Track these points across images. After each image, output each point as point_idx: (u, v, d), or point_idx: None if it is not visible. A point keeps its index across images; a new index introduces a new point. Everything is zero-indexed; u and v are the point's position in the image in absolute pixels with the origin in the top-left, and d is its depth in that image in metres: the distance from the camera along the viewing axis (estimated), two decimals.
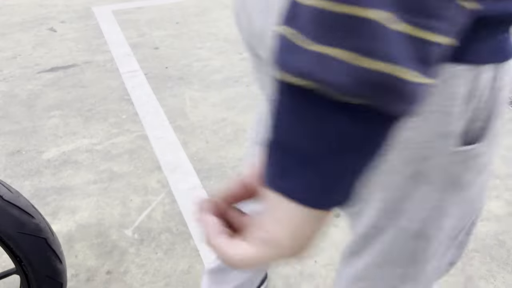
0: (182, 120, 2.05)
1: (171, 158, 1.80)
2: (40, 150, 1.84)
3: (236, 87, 2.32)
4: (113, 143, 1.90)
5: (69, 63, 2.53)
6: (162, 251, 1.40)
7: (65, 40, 2.80)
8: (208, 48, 2.72)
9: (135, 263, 1.36)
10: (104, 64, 2.52)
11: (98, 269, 1.35)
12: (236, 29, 2.96)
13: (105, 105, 2.15)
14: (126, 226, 1.49)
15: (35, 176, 1.71)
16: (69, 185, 1.67)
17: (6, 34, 2.88)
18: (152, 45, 2.75)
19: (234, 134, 1.96)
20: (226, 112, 2.11)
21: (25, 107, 2.13)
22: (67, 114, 2.08)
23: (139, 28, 2.99)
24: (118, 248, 1.41)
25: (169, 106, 2.15)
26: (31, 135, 1.94)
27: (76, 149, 1.85)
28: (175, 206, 1.57)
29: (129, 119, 2.05)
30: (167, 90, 2.28)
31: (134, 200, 1.60)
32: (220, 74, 2.44)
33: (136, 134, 1.95)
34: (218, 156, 1.83)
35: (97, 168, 1.75)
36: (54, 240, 0.94)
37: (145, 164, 1.77)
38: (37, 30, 2.94)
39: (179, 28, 3.00)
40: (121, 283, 1.30)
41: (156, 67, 2.51)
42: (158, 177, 1.70)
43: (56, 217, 1.52)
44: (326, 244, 1.43)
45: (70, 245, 1.42)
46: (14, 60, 2.55)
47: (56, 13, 3.22)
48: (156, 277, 1.32)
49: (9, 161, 1.78)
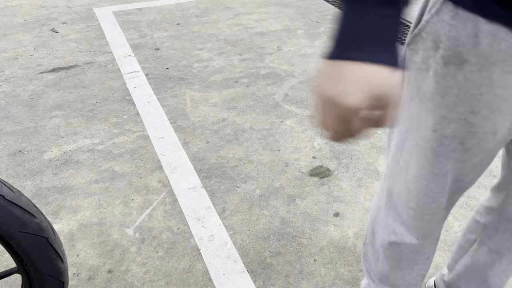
0: (182, 120, 2.06)
1: (172, 158, 1.81)
2: (42, 150, 1.85)
3: (236, 87, 2.33)
4: (115, 143, 1.91)
5: (70, 64, 2.54)
6: (163, 250, 1.41)
7: (67, 41, 2.82)
8: (208, 49, 2.73)
9: (136, 262, 1.37)
10: (106, 65, 2.53)
11: (99, 268, 1.35)
12: (237, 30, 2.97)
13: (106, 106, 2.16)
14: (127, 225, 1.50)
15: (36, 175, 1.72)
16: (71, 184, 1.68)
17: (8, 35, 2.90)
18: (153, 46, 2.76)
19: (234, 134, 1.97)
20: (226, 112, 2.12)
21: (27, 108, 2.14)
22: (69, 114, 2.09)
23: (140, 29, 3.00)
24: (119, 247, 1.42)
25: (170, 107, 2.16)
26: (33, 135, 1.95)
27: (78, 149, 1.86)
28: (176, 206, 1.58)
29: (130, 119, 2.06)
30: (168, 91, 2.29)
31: (135, 200, 1.61)
32: (220, 74, 2.45)
33: (137, 134, 1.96)
34: (218, 156, 1.83)
35: (99, 168, 1.76)
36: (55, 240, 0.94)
37: (146, 164, 1.78)
38: (38, 31, 2.95)
39: (180, 29, 3.01)
40: (122, 282, 1.31)
41: (157, 67, 2.51)
42: (159, 176, 1.71)
43: (58, 217, 1.53)
44: (326, 244, 1.44)
45: (72, 244, 1.43)
46: (16, 61, 2.57)
47: (57, 14, 3.23)
48: (157, 276, 1.33)
49: (11, 161, 1.79)
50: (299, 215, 1.55)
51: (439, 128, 0.68)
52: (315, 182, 1.70)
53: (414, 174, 0.77)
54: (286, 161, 1.80)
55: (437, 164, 0.72)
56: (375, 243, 0.97)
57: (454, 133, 0.67)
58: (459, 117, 0.65)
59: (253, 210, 1.57)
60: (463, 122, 0.66)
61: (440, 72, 0.63)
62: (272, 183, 1.69)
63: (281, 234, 1.47)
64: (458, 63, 0.60)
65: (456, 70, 0.61)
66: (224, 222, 1.51)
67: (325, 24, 3.11)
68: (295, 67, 2.54)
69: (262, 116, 2.10)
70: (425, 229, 0.85)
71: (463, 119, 0.65)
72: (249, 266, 1.36)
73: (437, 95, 0.65)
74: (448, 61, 0.61)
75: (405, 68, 0.70)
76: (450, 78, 0.63)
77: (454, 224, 1.51)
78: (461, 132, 0.67)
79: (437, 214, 0.82)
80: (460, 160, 0.71)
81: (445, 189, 0.76)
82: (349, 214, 1.55)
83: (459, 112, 0.65)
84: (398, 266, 0.95)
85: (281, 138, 1.94)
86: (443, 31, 0.60)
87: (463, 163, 0.71)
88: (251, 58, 2.63)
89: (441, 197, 0.78)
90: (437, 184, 0.76)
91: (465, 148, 0.69)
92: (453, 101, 0.64)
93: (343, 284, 1.31)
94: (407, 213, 0.84)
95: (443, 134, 0.68)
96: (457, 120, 0.66)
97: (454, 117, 0.66)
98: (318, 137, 1.95)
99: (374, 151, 1.87)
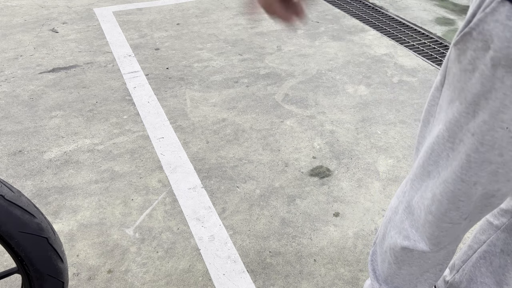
0: (182, 120, 2.06)
1: (171, 158, 1.81)
2: (42, 150, 1.85)
3: (236, 87, 2.33)
4: (115, 143, 1.91)
5: (70, 64, 2.54)
6: (163, 250, 1.41)
7: (67, 41, 2.82)
8: (208, 49, 2.73)
9: (136, 262, 1.37)
10: (106, 65, 2.53)
11: (99, 268, 1.35)
12: (237, 30, 2.97)
13: (106, 106, 2.16)
14: (127, 226, 1.50)
15: (36, 176, 1.72)
16: (71, 184, 1.68)
17: (8, 35, 2.90)
18: (153, 46, 2.76)
19: (234, 134, 1.97)
20: (226, 112, 2.12)
21: (27, 108, 2.14)
22: (69, 115, 2.09)
23: (140, 29, 3.00)
24: (119, 247, 1.42)
25: (170, 107, 2.16)
26: (33, 135, 1.95)
27: (78, 149, 1.86)
28: (176, 206, 1.58)
29: (130, 120, 2.06)
30: (168, 91, 2.29)
31: (135, 200, 1.61)
32: (220, 74, 2.45)
33: (137, 134, 1.96)
34: (218, 156, 1.83)
35: (99, 168, 1.76)
36: (55, 240, 0.94)
37: (146, 164, 1.78)
38: (38, 31, 2.95)
39: (180, 29, 3.01)
40: (122, 282, 1.31)
41: (157, 68, 2.51)
42: (159, 176, 1.71)
43: (58, 217, 1.53)
44: (326, 244, 1.44)
45: (72, 244, 1.43)
46: (16, 61, 2.57)
47: (57, 14, 3.23)
48: (157, 276, 1.33)
49: (11, 161, 1.79)
50: (299, 215, 1.55)
51: (478, 133, 0.65)
52: (315, 182, 1.70)
53: (444, 178, 0.75)
54: (286, 161, 1.80)
55: (467, 170, 0.69)
56: (383, 244, 0.97)
57: (493, 142, 0.64)
58: (501, 125, 0.62)
59: (253, 210, 1.57)
60: (505, 131, 0.62)
61: (487, 74, 0.61)
62: (272, 183, 1.69)
63: (281, 234, 1.47)
64: (507, 66, 0.58)
65: (505, 73, 0.59)
66: (224, 222, 1.51)
67: (325, 24, 3.11)
68: (295, 67, 2.54)
69: (262, 116, 2.10)
70: (440, 238, 0.83)
71: (506, 128, 0.62)
72: (249, 266, 1.36)
73: (481, 98, 0.63)
74: (497, 63, 0.59)
75: (448, 69, 0.69)
76: (497, 81, 0.60)
77: None
78: (502, 142, 0.63)
79: (456, 224, 0.79)
80: (495, 173, 0.67)
81: (471, 199, 0.73)
82: (349, 214, 1.55)
83: (502, 120, 0.62)
84: (407, 270, 0.94)
85: (281, 138, 1.94)
86: (496, 32, 0.58)
87: (497, 176, 0.68)
88: (251, 58, 2.63)
89: (464, 206, 0.75)
90: (463, 192, 0.72)
91: (504, 160, 0.65)
92: (497, 106, 0.61)
93: (343, 284, 1.31)
94: (425, 218, 0.81)
95: (480, 140, 0.65)
96: (498, 128, 0.62)
97: (495, 124, 0.62)
98: (318, 137, 1.95)
99: (374, 151, 1.87)
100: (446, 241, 0.83)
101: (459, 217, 0.77)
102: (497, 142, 0.64)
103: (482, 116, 0.64)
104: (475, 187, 0.71)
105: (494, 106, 0.62)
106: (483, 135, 0.64)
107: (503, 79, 0.59)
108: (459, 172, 0.70)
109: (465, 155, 0.68)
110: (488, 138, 0.64)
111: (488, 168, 0.67)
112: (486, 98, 0.62)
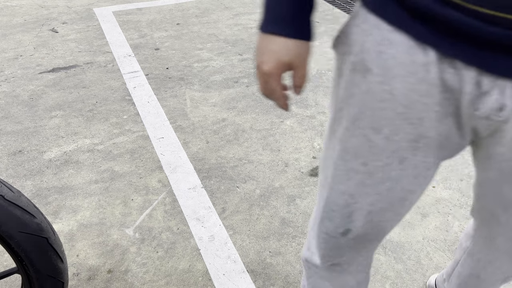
0: (182, 120, 2.06)
1: (171, 158, 1.81)
2: (42, 150, 1.85)
3: (236, 87, 2.33)
4: (114, 143, 1.91)
5: (70, 64, 2.54)
6: (163, 250, 1.41)
7: (67, 41, 2.81)
8: (208, 49, 2.73)
9: (136, 262, 1.37)
10: (106, 65, 2.53)
11: (99, 268, 1.35)
12: (237, 30, 2.97)
13: (106, 106, 2.16)
14: (127, 226, 1.50)
15: (36, 176, 1.72)
16: (71, 184, 1.68)
17: (8, 35, 2.90)
18: (153, 46, 2.76)
19: (234, 134, 1.97)
20: (226, 112, 2.12)
21: (27, 108, 2.14)
22: (69, 114, 2.09)
23: (140, 29, 3.00)
24: (119, 247, 1.42)
25: (169, 107, 2.16)
26: (33, 135, 1.95)
27: (78, 149, 1.86)
28: (175, 206, 1.58)
29: (130, 120, 2.06)
30: (168, 91, 2.29)
31: (135, 200, 1.61)
32: (220, 74, 2.45)
33: (137, 134, 1.96)
34: (218, 156, 1.83)
35: (99, 168, 1.76)
36: (55, 240, 0.94)
37: (146, 164, 1.78)
38: (38, 31, 2.95)
39: (180, 29, 3.01)
40: (122, 282, 1.31)
41: (157, 67, 2.51)
42: (159, 176, 1.71)
43: (58, 217, 1.53)
44: None
45: (72, 244, 1.43)
46: (16, 61, 2.57)
47: (57, 14, 3.23)
48: (157, 276, 1.33)
49: (10, 161, 1.79)
50: (299, 215, 1.55)
51: (343, 140, 0.62)
52: (315, 182, 1.69)
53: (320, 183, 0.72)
54: (286, 161, 1.80)
55: (334, 178, 0.66)
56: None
57: (356, 150, 0.61)
58: (361, 132, 0.59)
59: (253, 210, 1.57)
60: (364, 139, 0.60)
61: (348, 80, 0.59)
62: (272, 183, 1.69)
63: (281, 234, 1.47)
64: (362, 71, 0.56)
65: (360, 78, 0.57)
66: (224, 222, 1.51)
67: (325, 24, 3.11)
68: None
69: (262, 116, 2.10)
70: (325, 251, 0.76)
71: (364, 135, 0.59)
72: (249, 266, 1.36)
73: (344, 104, 0.60)
74: (354, 68, 0.57)
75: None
76: (354, 87, 0.58)
77: (454, 224, 1.51)
78: (363, 150, 0.61)
79: (333, 237, 0.73)
80: (363, 183, 0.63)
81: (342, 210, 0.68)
82: None
83: (359, 127, 0.59)
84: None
85: (281, 138, 1.94)
86: (355, 36, 0.57)
87: (365, 187, 0.64)
88: (251, 58, 2.63)
89: (336, 217, 0.70)
90: (332, 201, 0.69)
91: (368, 170, 0.62)
92: (356, 112, 0.59)
93: None
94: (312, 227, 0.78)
95: (344, 148, 0.63)
96: (358, 135, 0.60)
97: (356, 132, 0.60)
98: (318, 137, 1.95)
99: None
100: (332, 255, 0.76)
101: (333, 230, 0.72)
102: (359, 150, 0.61)
103: (345, 123, 0.61)
104: (343, 197, 0.67)
105: (353, 112, 0.59)
106: (346, 143, 0.62)
107: (360, 84, 0.57)
108: (331, 180, 0.68)
109: (333, 163, 0.66)
110: (350, 145, 0.62)
111: (356, 178, 0.64)
112: (348, 104, 0.60)
